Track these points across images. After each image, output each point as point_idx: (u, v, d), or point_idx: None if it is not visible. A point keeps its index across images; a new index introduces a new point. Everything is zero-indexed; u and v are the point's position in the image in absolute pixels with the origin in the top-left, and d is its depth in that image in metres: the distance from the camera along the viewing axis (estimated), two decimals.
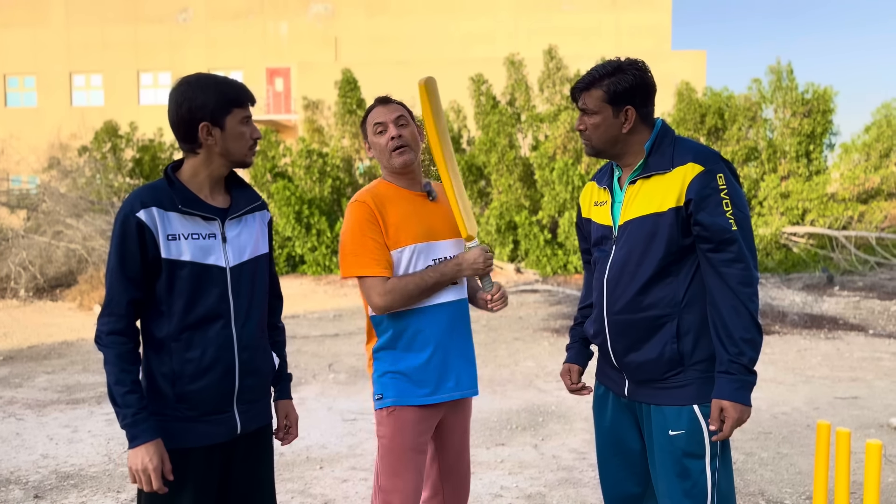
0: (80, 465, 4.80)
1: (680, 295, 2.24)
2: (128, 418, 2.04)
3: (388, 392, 2.56)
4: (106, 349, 2.07)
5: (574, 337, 2.64)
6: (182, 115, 2.12)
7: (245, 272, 2.21)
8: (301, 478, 4.47)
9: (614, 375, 2.42)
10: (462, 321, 2.64)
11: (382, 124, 2.56)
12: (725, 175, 2.19)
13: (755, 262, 2.21)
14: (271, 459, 2.38)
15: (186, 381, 2.12)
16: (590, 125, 2.32)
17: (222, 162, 2.17)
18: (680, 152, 2.24)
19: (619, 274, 2.30)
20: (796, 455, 4.79)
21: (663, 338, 2.25)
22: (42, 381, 7.24)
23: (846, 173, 16.50)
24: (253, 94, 2.24)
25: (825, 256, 15.46)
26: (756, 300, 2.17)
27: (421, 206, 2.61)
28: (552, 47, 18.03)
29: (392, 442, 2.54)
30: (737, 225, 2.16)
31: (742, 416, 2.16)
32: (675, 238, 2.21)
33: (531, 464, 4.68)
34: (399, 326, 2.55)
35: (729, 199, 2.18)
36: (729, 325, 2.15)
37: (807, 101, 16.63)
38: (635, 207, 2.27)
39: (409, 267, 2.54)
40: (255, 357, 2.24)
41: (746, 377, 2.15)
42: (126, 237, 2.07)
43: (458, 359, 2.60)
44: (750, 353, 2.14)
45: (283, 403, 2.45)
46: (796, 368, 7.31)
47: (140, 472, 2.04)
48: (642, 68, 2.31)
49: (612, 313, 2.33)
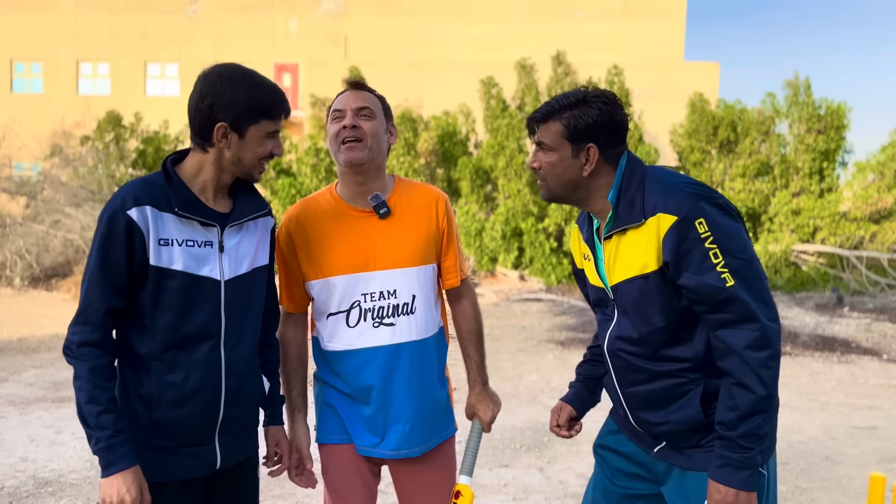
0: (61, 470, 4.55)
1: (700, 357, 1.90)
2: (102, 442, 1.78)
3: (319, 424, 2.29)
4: (77, 362, 1.81)
5: (579, 375, 2.31)
6: (203, 108, 1.86)
7: (240, 286, 1.96)
8: (293, 494, 4.21)
9: (638, 433, 2.09)
10: (406, 369, 2.17)
11: (341, 112, 2.17)
12: (706, 216, 1.80)
13: (770, 311, 1.81)
14: (256, 492, 2.13)
15: (165, 407, 1.87)
16: (545, 163, 1.97)
17: (230, 169, 1.92)
18: (649, 198, 1.87)
19: (620, 345, 1.98)
20: (816, 490, 4.53)
21: (686, 408, 1.92)
22: (29, 375, 6.99)
23: (859, 192, 16.24)
24: (289, 106, 1.96)
25: (835, 276, 15.19)
26: (773, 364, 1.79)
27: (363, 225, 2.18)
28: (560, 53, 17.81)
29: (325, 477, 2.29)
30: (733, 277, 1.78)
31: (725, 499, 1.80)
32: (671, 301, 1.88)
33: (537, 489, 4.42)
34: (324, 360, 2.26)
35: (717, 248, 1.78)
36: (734, 396, 1.79)
37: (821, 117, 16.39)
38: (619, 269, 1.94)
39: (334, 303, 2.17)
40: (245, 383, 1.99)
41: (734, 454, 1.80)
42: (112, 237, 1.81)
43: (394, 414, 2.17)
44: (746, 427, 1.79)
45: (273, 430, 2.18)
46: (810, 393, 7.06)
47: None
48: (611, 102, 1.95)
49: (624, 387, 2.03)
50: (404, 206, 2.22)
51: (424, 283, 2.21)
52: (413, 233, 2.20)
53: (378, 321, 2.17)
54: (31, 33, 28.50)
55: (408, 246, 2.19)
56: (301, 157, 16.78)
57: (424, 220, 2.23)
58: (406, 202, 2.23)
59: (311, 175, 16.54)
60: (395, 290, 2.17)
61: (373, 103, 2.20)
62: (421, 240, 2.21)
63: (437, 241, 2.26)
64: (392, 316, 2.17)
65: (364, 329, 2.17)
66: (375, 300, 2.17)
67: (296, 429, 2.25)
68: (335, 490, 2.27)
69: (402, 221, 2.20)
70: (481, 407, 2.35)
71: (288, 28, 27.92)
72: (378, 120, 2.18)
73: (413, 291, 2.19)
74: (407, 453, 2.22)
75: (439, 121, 17.30)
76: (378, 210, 2.17)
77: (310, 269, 2.20)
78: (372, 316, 2.17)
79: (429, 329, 2.24)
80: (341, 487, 2.25)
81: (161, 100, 26.48)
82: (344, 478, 2.25)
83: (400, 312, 2.18)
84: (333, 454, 2.26)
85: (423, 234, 2.22)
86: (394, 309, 2.17)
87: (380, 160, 2.19)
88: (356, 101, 2.18)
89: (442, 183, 16.90)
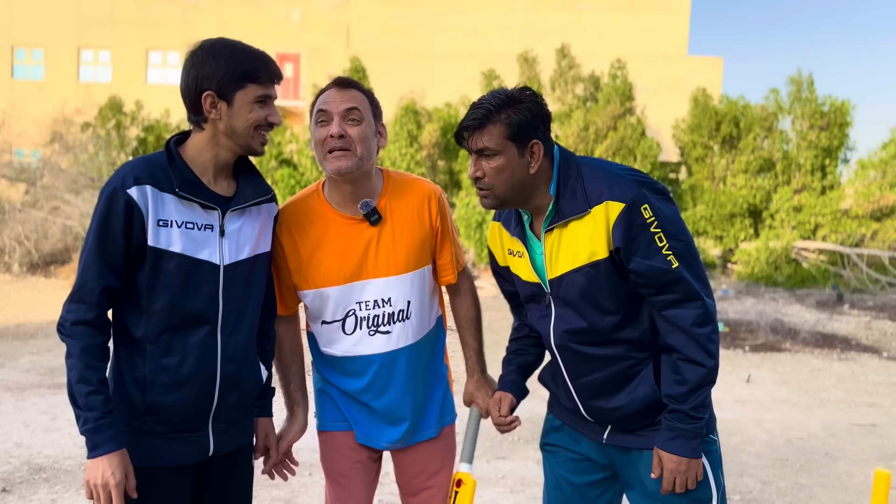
0: (55, 456, 4.52)
1: (647, 337, 1.95)
2: (89, 422, 1.74)
3: (318, 411, 2.27)
4: (70, 340, 1.78)
5: (511, 364, 2.25)
6: (189, 83, 1.84)
7: (240, 272, 1.91)
8: (287, 485, 4.18)
9: (587, 423, 2.09)
10: (403, 372, 2.14)
11: (326, 114, 2.03)
12: (650, 201, 1.85)
13: (707, 289, 1.90)
14: (250, 480, 2.09)
15: (159, 391, 1.84)
16: (490, 170, 1.89)
17: (228, 144, 1.87)
18: (592, 187, 1.88)
19: (568, 338, 1.98)
20: (816, 486, 4.50)
21: (641, 386, 1.95)
22: (25, 361, 6.96)
23: (861, 189, 16.19)
24: (279, 69, 1.90)
25: (836, 273, 15.16)
26: (716, 337, 1.89)
27: (353, 232, 2.09)
28: (565, 46, 17.74)
29: (324, 465, 2.26)
30: (678, 259, 1.84)
31: (678, 468, 1.88)
32: (619, 286, 1.91)
33: (534, 482, 4.39)
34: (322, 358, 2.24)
35: (661, 232, 1.84)
36: (683, 371, 1.87)
37: (824, 113, 16.34)
38: (563, 261, 1.92)
39: (328, 312, 2.12)
40: (241, 370, 1.95)
41: (685, 425, 1.88)
42: (111, 215, 1.78)
43: (393, 413, 2.16)
44: (696, 399, 1.87)
45: (262, 422, 2.14)
46: (810, 390, 7.03)
47: (99, 488, 1.74)
48: (536, 95, 1.93)
49: (575, 378, 2.02)
50: (395, 210, 2.13)
51: (419, 286, 2.16)
52: (406, 238, 2.12)
53: (374, 329, 2.12)
54: (32, 19, 28.38)
55: (401, 252, 2.11)
56: (301, 149, 16.72)
57: (417, 222, 2.15)
58: (397, 205, 2.14)
59: (311, 166, 16.49)
60: (390, 297, 2.11)
61: (361, 103, 2.06)
62: (415, 244, 2.14)
63: (431, 242, 2.20)
64: (388, 324, 2.12)
65: (360, 337, 2.13)
66: (370, 308, 2.11)
67: (293, 423, 2.22)
68: (334, 477, 2.24)
69: (393, 227, 2.12)
70: (480, 394, 2.32)
71: (290, 17, 27.81)
72: (366, 123, 2.05)
73: (408, 297, 2.13)
74: (404, 444, 2.22)
75: (441, 112, 17.24)
76: (369, 218, 2.09)
77: (301, 279, 2.13)
78: (367, 324, 2.12)
79: (425, 328, 2.20)
80: (341, 474, 2.22)
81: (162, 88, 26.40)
82: (344, 465, 2.22)
83: (395, 319, 2.13)
84: (333, 441, 2.23)
85: (417, 237, 2.14)
86: (389, 317, 2.12)
87: (369, 166, 2.07)
88: (343, 101, 2.03)
89: (443, 175, 16.85)
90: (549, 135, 1.96)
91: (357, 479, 2.21)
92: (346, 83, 2.08)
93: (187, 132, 1.93)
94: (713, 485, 1.98)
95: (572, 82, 17.56)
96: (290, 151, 17.19)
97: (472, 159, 1.93)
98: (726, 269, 16.66)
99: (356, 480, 2.21)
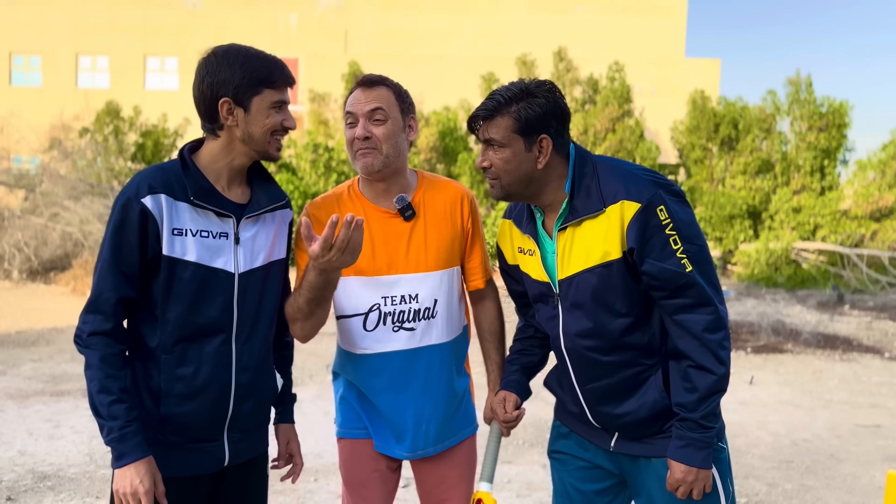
0: (60, 464, 4.51)
1: (657, 342, 1.93)
2: (114, 432, 1.74)
3: (338, 418, 2.26)
4: (88, 351, 1.77)
5: (514, 363, 2.23)
6: (204, 90, 1.82)
7: (255, 280, 1.91)
8: (294, 490, 4.17)
9: (594, 430, 2.08)
10: (423, 374, 2.12)
11: (352, 115, 2.07)
12: (666, 202, 1.83)
13: (720, 295, 1.88)
14: (265, 490, 2.09)
15: (174, 402, 1.83)
16: (497, 161, 1.90)
17: (244, 150, 1.87)
18: (608, 186, 1.86)
19: (577, 341, 1.96)
20: (822, 489, 4.50)
21: (650, 392, 1.93)
22: (27, 369, 6.94)
23: (860, 190, 16.21)
24: (292, 74, 1.90)
25: (836, 274, 15.17)
26: (727, 344, 1.86)
27: (387, 226, 2.11)
28: (562, 49, 17.76)
29: (342, 472, 2.25)
30: (692, 263, 1.82)
31: (686, 478, 1.86)
32: (632, 288, 1.89)
33: (540, 486, 4.39)
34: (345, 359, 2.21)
35: (677, 234, 1.82)
36: (693, 378, 1.85)
37: (823, 114, 16.37)
38: (575, 260, 1.90)
39: (350, 305, 2.10)
40: (256, 379, 1.94)
41: (695, 434, 1.86)
42: (125, 225, 1.77)
43: (412, 417, 2.13)
44: (706, 407, 1.85)
45: (284, 428, 2.15)
46: (813, 391, 7.02)
47: (129, 497, 1.74)
48: (553, 90, 1.91)
49: (583, 383, 2.00)
50: (429, 207, 2.15)
51: (447, 286, 2.15)
52: (437, 235, 2.13)
53: (398, 325, 2.11)
54: (30, 26, 28.36)
55: (432, 249, 2.12)
56: (300, 153, 16.71)
57: (449, 221, 2.16)
58: (430, 202, 2.16)
59: (310, 171, 16.48)
60: (417, 294, 2.11)
61: (386, 101, 2.07)
62: (445, 242, 2.15)
63: (461, 243, 2.20)
64: (413, 321, 2.12)
65: (382, 333, 2.11)
66: (396, 304, 2.11)
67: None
68: (353, 486, 2.23)
69: (426, 223, 2.13)
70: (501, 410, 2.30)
71: (288, 22, 27.82)
72: (392, 120, 2.06)
73: (435, 296, 2.13)
74: (423, 453, 2.19)
75: (440, 116, 17.25)
76: (403, 213, 2.10)
77: None
78: (392, 320, 2.11)
79: (450, 333, 2.18)
80: (359, 483, 2.21)
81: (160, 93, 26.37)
82: (363, 473, 2.21)
83: (421, 317, 2.12)
84: (352, 448, 2.22)
85: (448, 236, 2.15)
86: (415, 313, 2.12)
87: (399, 162, 2.10)
88: (367, 102, 2.06)
89: None
90: (564, 131, 1.93)
91: (375, 489, 2.19)
92: (372, 81, 2.10)
93: (201, 140, 1.92)
94: (722, 494, 1.96)
95: (570, 85, 17.58)
96: (288, 156, 17.18)
97: (481, 148, 1.95)
98: (726, 271, 16.67)
99: (374, 489, 2.19)
